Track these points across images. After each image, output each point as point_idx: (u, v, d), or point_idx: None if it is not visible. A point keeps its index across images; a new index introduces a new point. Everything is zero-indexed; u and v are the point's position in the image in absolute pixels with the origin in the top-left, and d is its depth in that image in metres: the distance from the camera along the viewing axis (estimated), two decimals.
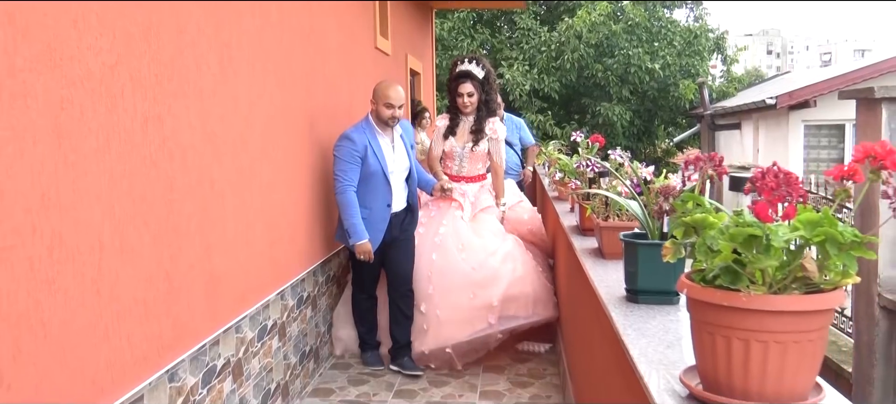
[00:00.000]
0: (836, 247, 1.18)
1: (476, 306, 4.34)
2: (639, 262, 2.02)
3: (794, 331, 1.19)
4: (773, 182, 1.15)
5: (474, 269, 4.40)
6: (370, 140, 4.09)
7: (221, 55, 2.84)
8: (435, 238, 4.56)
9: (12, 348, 1.66)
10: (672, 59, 16.13)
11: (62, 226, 1.84)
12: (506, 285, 4.41)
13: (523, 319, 4.50)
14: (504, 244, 4.62)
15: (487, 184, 4.94)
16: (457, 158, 4.86)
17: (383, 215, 4.17)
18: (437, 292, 4.40)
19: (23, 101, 1.70)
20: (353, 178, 4.03)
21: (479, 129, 4.79)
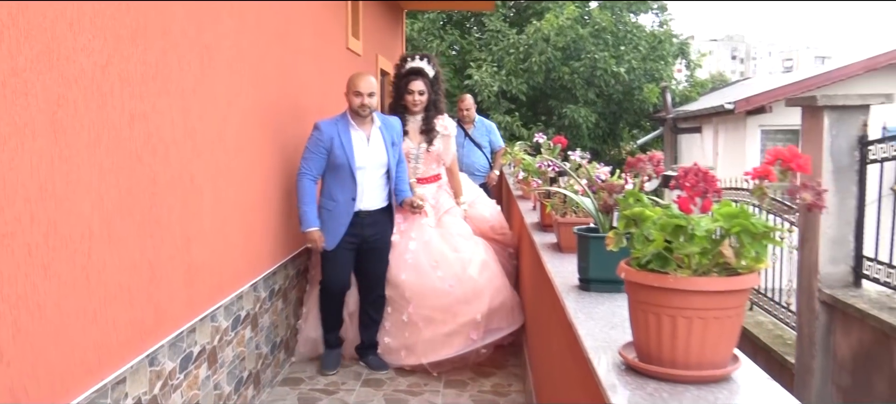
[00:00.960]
0: (750, 237, 1.38)
1: (458, 324, 4.24)
2: (590, 254, 2.22)
3: (715, 309, 1.39)
4: (693, 179, 1.35)
5: (452, 287, 4.26)
6: (340, 132, 4.04)
7: (202, 56, 2.97)
8: (406, 255, 4.40)
9: (12, 327, 1.80)
10: (637, 63, 16.51)
11: (57, 215, 1.98)
12: (489, 299, 4.31)
13: (506, 330, 4.42)
14: (477, 250, 4.51)
15: (444, 183, 4.85)
16: (412, 160, 4.71)
17: (348, 209, 4.09)
18: (415, 311, 4.29)
19: (24, 98, 1.83)
20: (312, 167, 4.01)
21: (430, 128, 4.68)
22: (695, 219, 1.38)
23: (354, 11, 6.44)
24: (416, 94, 4.61)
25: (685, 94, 18.79)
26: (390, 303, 4.39)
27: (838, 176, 4.20)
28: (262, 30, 3.77)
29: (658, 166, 1.63)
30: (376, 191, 4.23)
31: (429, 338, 4.25)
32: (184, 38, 2.80)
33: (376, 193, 4.23)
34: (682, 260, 1.42)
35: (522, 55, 16.02)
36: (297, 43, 4.49)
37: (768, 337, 5.43)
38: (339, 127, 4.06)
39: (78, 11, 2.06)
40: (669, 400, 1.36)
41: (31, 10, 1.85)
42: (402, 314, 4.33)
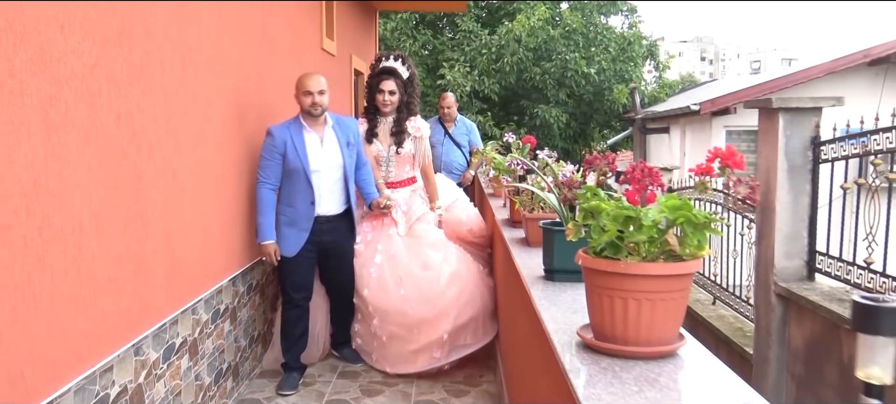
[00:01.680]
0: (692, 227, 1.54)
1: (420, 345, 4.17)
2: (554, 247, 2.37)
3: (661, 291, 1.55)
4: (639, 174, 1.51)
5: (414, 308, 4.15)
6: (293, 135, 3.92)
7: (184, 57, 3.08)
8: (370, 269, 4.28)
9: (10, 315, 1.90)
10: (607, 64, 16.78)
11: (50, 209, 2.08)
12: (454, 317, 4.19)
13: (473, 347, 4.31)
14: (447, 261, 4.32)
15: (419, 187, 4.69)
16: (383, 163, 4.58)
17: (307, 214, 3.99)
18: (380, 326, 4.25)
19: (20, 98, 1.93)
20: (269, 175, 3.89)
21: (401, 131, 4.55)
22: (643, 210, 1.54)
23: (329, 12, 6.55)
24: (386, 94, 4.50)
25: (654, 95, 19.12)
26: (359, 311, 4.36)
27: (792, 174, 4.41)
28: (240, 31, 3.87)
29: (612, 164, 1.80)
30: (334, 195, 4.11)
31: (395, 353, 4.22)
32: (166, 40, 2.90)
33: (334, 197, 4.12)
34: (633, 247, 1.57)
35: (494, 55, 16.20)
36: (274, 44, 4.59)
37: (729, 329, 5.64)
38: (291, 130, 3.94)
39: (69, 15, 2.17)
40: (621, 373, 1.51)
41: (27, 13, 1.96)
42: (369, 325, 4.30)
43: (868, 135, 3.97)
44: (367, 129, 4.57)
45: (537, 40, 16.08)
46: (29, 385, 1.98)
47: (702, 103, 10.80)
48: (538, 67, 16.33)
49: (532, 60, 16.29)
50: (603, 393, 1.41)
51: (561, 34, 16.50)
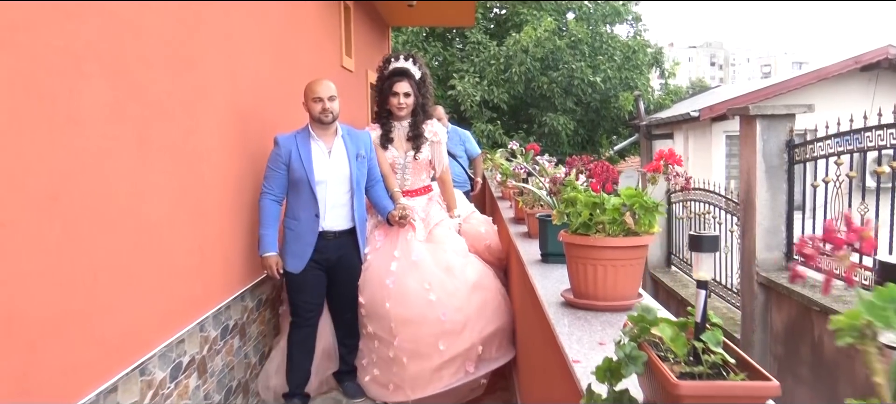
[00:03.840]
0: (644, 210, 2.05)
1: (446, 359, 3.81)
2: (547, 234, 2.88)
3: (622, 259, 2.05)
4: (600, 170, 2.01)
5: (445, 315, 3.80)
6: (299, 144, 3.76)
7: (231, 80, 3.61)
8: (387, 280, 3.90)
9: (116, 290, 2.42)
10: (613, 72, 17.27)
11: (143, 209, 2.61)
12: (481, 327, 3.89)
13: (499, 361, 3.99)
14: (471, 267, 4.06)
15: (436, 195, 4.42)
16: (398, 170, 4.30)
17: (312, 227, 3.78)
18: (401, 345, 3.84)
19: (121, 119, 2.46)
20: (273, 186, 3.73)
21: (418, 135, 4.25)
22: (607, 198, 2.05)
23: (347, 31, 7.09)
24: (401, 97, 4.20)
25: (659, 102, 19.57)
26: (376, 338, 3.95)
27: (770, 174, 4.89)
28: (273, 54, 4.40)
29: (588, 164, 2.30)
30: (340, 210, 3.87)
31: (415, 373, 3.84)
32: (218, 67, 3.44)
33: (340, 212, 3.88)
34: (600, 226, 2.08)
35: (503, 66, 16.72)
36: (300, 64, 5.09)
37: (721, 318, 6.11)
38: (297, 139, 3.78)
39: (153, 51, 2.70)
40: (591, 320, 2.02)
41: (127, 52, 2.49)
42: (389, 350, 3.89)
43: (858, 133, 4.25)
44: (381, 135, 4.28)
45: (544, 50, 16.58)
46: (138, 342, 2.50)
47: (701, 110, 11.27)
48: (545, 77, 16.84)
49: (539, 70, 16.79)
50: (577, 332, 1.91)
51: (567, 44, 17.01)
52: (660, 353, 1.23)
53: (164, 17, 2.81)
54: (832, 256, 0.82)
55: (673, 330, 1.18)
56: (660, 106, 19.90)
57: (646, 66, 18.86)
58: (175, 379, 2.94)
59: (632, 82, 17.69)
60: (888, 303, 0.65)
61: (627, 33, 19.81)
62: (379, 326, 3.92)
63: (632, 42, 18.57)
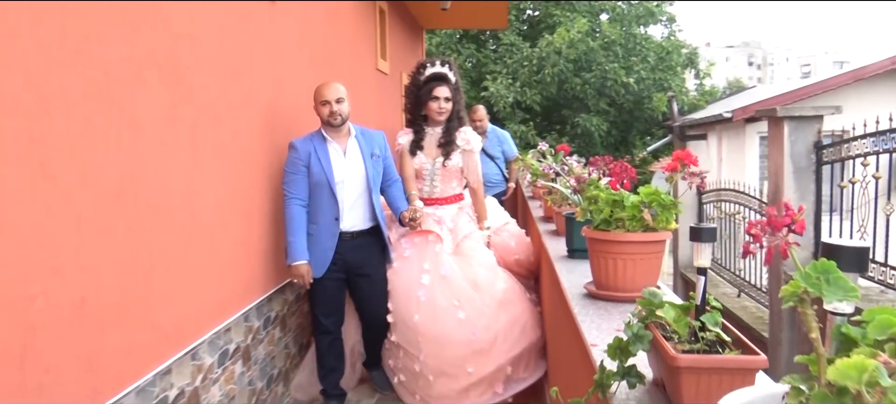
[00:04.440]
0: (661, 207, 2.18)
1: (473, 380, 3.74)
2: (573, 231, 3.02)
3: (640, 253, 2.19)
4: (618, 169, 2.15)
5: (475, 333, 3.72)
6: (316, 147, 3.75)
7: (274, 86, 3.81)
8: (418, 292, 3.83)
9: (171, 281, 2.63)
10: (646, 73, 17.27)
11: (196, 206, 2.81)
12: (510, 346, 3.80)
13: (527, 381, 3.90)
14: (499, 281, 3.96)
15: (466, 204, 4.31)
16: (427, 177, 4.22)
17: (331, 231, 3.77)
18: (427, 362, 3.77)
19: (177, 123, 2.67)
20: (296, 190, 3.70)
21: (450, 141, 4.18)
22: (626, 195, 2.19)
23: (382, 34, 7.28)
24: (441, 101, 4.14)
25: (693, 103, 19.47)
26: (402, 346, 3.90)
27: (798, 175, 4.96)
28: (314, 60, 4.60)
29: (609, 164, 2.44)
30: (358, 210, 3.88)
31: (440, 393, 3.78)
32: (262, 72, 3.64)
33: (358, 211, 3.88)
34: (620, 222, 2.22)
35: (536, 67, 16.83)
36: (337, 68, 5.30)
37: (751, 318, 6.18)
38: (314, 142, 3.77)
39: (204, 58, 2.91)
40: (611, 310, 2.16)
41: (183, 61, 2.69)
42: (414, 363, 3.83)
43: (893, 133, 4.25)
44: (413, 141, 4.25)
45: (577, 52, 16.65)
46: (200, 325, 2.71)
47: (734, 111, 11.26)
48: (579, 78, 16.90)
49: (572, 71, 16.86)
50: (596, 320, 2.06)
51: (600, 45, 17.05)
52: (666, 335, 1.38)
53: (214, 26, 3.01)
54: (773, 235, 0.96)
55: (676, 312, 1.32)
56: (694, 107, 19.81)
57: (680, 67, 18.81)
58: (222, 365, 3.13)
59: (665, 83, 17.66)
60: (821, 274, 0.79)
61: (661, 34, 19.79)
62: (405, 337, 3.84)
63: (666, 43, 18.53)
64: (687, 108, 18.71)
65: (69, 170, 2.00)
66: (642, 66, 17.26)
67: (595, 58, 16.84)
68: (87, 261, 2.08)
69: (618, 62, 16.97)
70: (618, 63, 16.94)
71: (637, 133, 18.89)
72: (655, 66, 17.58)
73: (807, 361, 0.73)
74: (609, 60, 16.87)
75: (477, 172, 4.23)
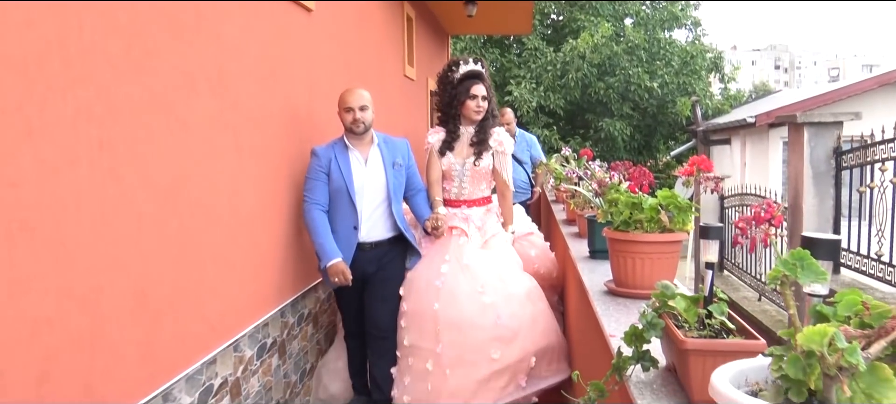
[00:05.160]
0: (678, 209, 2.33)
1: (494, 370, 3.56)
2: (595, 232, 3.17)
3: (657, 252, 2.33)
4: (637, 173, 2.30)
5: (500, 318, 3.58)
6: (337, 154, 3.72)
7: (309, 92, 4.00)
8: (436, 281, 3.71)
9: (218, 275, 2.82)
10: (670, 77, 17.31)
11: (240, 206, 3.00)
12: (534, 339, 3.65)
13: (551, 379, 3.73)
14: (525, 278, 3.88)
15: (494, 207, 4.21)
16: (456, 178, 4.10)
17: (348, 240, 3.71)
18: (444, 352, 3.59)
19: (224, 130, 2.86)
20: (318, 196, 3.68)
21: (483, 140, 4.07)
22: (645, 198, 2.33)
23: (409, 41, 7.47)
24: (480, 100, 4.03)
25: (718, 107, 19.45)
26: (412, 353, 3.71)
27: (817, 181, 5.05)
28: (346, 67, 4.79)
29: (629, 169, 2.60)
30: (378, 220, 3.82)
31: (455, 388, 3.55)
32: (297, 80, 3.83)
33: (378, 222, 3.82)
34: (639, 223, 2.37)
35: (560, 72, 16.94)
36: (366, 75, 5.48)
37: (771, 321, 6.26)
38: (335, 149, 3.75)
39: (246, 68, 3.10)
40: (629, 306, 2.31)
41: (227, 71, 2.89)
42: (426, 360, 3.64)
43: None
44: (445, 140, 4.12)
45: (601, 56, 16.74)
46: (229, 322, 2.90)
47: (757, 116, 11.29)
48: (602, 82, 16.98)
49: (596, 76, 16.95)
50: (615, 314, 2.21)
51: (624, 50, 17.12)
52: (677, 324, 1.53)
53: (257, 37, 3.21)
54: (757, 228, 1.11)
55: (686, 303, 1.47)
56: (719, 111, 19.79)
57: (704, 72, 18.80)
58: (260, 358, 3.32)
59: (690, 87, 17.68)
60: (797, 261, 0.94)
61: (686, 38, 19.80)
62: (420, 334, 3.67)
63: (690, 47, 18.53)
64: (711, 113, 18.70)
65: (132, 173, 2.19)
66: (666, 70, 17.30)
67: (619, 62, 16.91)
68: (146, 255, 2.28)
69: (642, 66, 17.03)
70: (642, 67, 17.00)
71: (660, 137, 18.92)
72: (679, 70, 17.61)
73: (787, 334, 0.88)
74: (633, 65, 16.94)
75: (508, 175, 4.16)
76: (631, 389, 1.53)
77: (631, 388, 1.54)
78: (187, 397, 2.57)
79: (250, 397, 3.18)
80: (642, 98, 17.10)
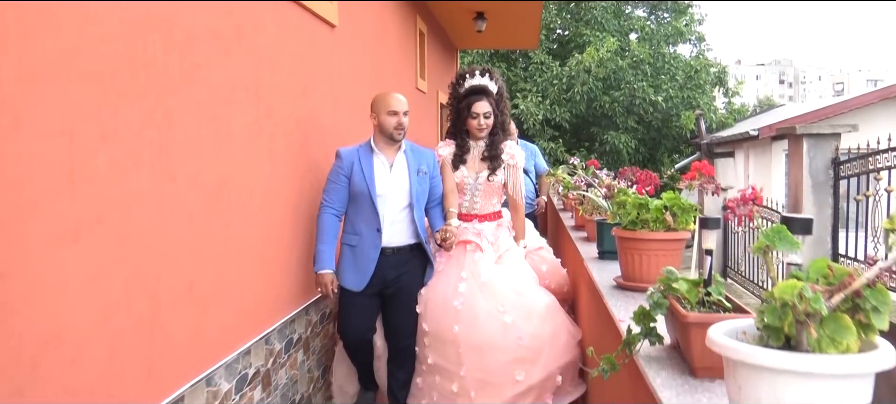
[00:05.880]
0: (681, 210, 2.54)
1: (520, 391, 3.52)
2: (603, 235, 3.38)
3: (661, 250, 2.54)
4: (643, 177, 2.52)
5: (521, 339, 3.53)
6: (361, 157, 3.68)
7: (333, 103, 4.23)
8: (455, 302, 3.66)
9: (256, 273, 3.04)
10: (674, 91, 17.57)
11: (272, 210, 3.23)
12: (559, 352, 3.63)
13: (573, 395, 3.73)
14: (542, 294, 3.82)
15: (506, 222, 4.15)
16: (468, 192, 4.05)
17: (374, 242, 3.66)
18: (468, 375, 3.56)
19: (259, 136, 3.09)
20: (333, 199, 3.65)
21: (495, 155, 4.00)
22: (650, 200, 2.55)
23: (421, 55, 7.72)
24: (481, 118, 3.96)
25: (722, 121, 19.69)
26: (438, 371, 3.68)
27: (816, 190, 5.26)
28: (365, 80, 5.02)
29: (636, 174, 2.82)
30: (400, 226, 3.77)
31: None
32: (324, 92, 4.06)
33: (400, 228, 3.77)
34: (645, 223, 2.58)
35: (565, 85, 17.21)
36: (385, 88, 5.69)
37: None
38: (360, 153, 3.70)
39: (276, 79, 3.33)
40: (637, 298, 2.51)
41: (264, 83, 3.11)
42: (451, 383, 3.61)
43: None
44: (456, 154, 4.07)
45: (606, 70, 17.01)
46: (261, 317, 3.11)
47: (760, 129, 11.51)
48: (607, 96, 17.24)
49: (601, 89, 17.22)
50: (623, 304, 2.42)
51: (629, 64, 17.39)
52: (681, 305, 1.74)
53: (288, 51, 3.44)
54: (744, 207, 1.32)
55: (688, 285, 1.68)
56: (723, 124, 20.04)
57: (708, 86, 19.07)
58: (288, 352, 3.54)
59: (694, 101, 17.94)
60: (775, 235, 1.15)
61: (690, 53, 20.09)
62: (443, 355, 3.63)
63: (694, 61, 18.81)
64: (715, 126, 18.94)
65: (184, 175, 2.42)
66: (671, 84, 17.57)
67: (624, 76, 17.18)
68: (194, 250, 2.50)
69: (646, 81, 17.30)
70: (646, 81, 17.27)
71: (665, 150, 19.16)
72: (684, 84, 17.87)
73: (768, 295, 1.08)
74: (637, 79, 17.21)
75: (520, 189, 4.11)
76: (639, 362, 1.74)
77: (639, 361, 1.75)
78: (226, 383, 2.79)
79: (279, 388, 3.39)
80: (647, 111, 17.35)
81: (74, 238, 1.84)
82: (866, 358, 1.02)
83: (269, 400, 3.26)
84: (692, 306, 1.70)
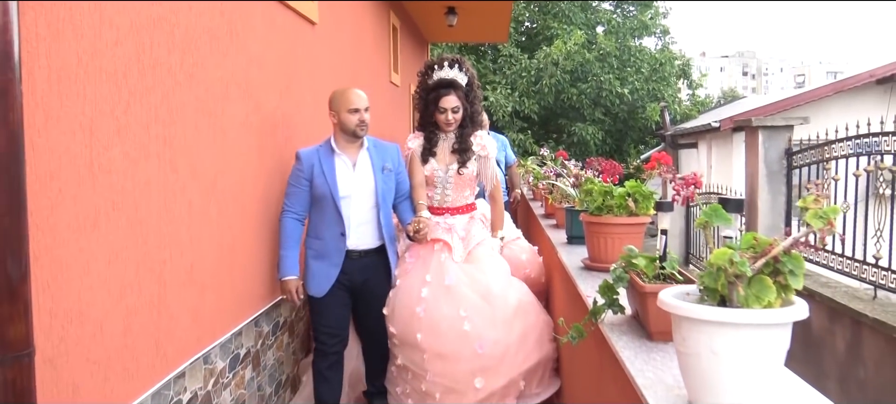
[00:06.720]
0: (642, 197, 2.79)
1: (484, 395, 3.51)
2: (572, 221, 3.63)
3: (626, 233, 2.79)
4: (608, 167, 2.76)
5: (482, 347, 3.49)
6: (321, 159, 3.54)
7: (314, 101, 4.42)
8: (417, 309, 3.59)
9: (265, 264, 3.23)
10: (640, 84, 17.96)
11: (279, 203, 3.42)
12: (523, 358, 3.59)
13: (545, 395, 3.71)
14: (512, 291, 3.73)
15: (478, 214, 4.03)
16: (439, 185, 3.94)
17: (338, 246, 3.55)
18: (433, 380, 3.56)
19: (274, 133, 3.27)
20: (294, 203, 3.52)
21: (465, 148, 3.89)
22: (615, 188, 2.80)
23: (394, 49, 7.91)
24: (449, 113, 3.85)
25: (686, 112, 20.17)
26: (409, 370, 3.68)
27: (771, 179, 5.58)
28: (342, 75, 5.21)
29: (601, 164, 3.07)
30: (366, 227, 3.64)
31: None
32: (305, 88, 4.24)
33: (366, 229, 3.64)
34: (610, 209, 2.83)
35: (534, 78, 17.50)
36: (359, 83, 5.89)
37: None
38: (320, 154, 3.56)
39: (268, 79, 3.51)
40: (603, 277, 2.75)
41: (253, 80, 3.30)
42: (421, 383, 3.62)
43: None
44: (425, 147, 3.96)
45: (574, 63, 17.33)
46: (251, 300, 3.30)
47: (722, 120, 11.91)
48: (575, 88, 17.57)
49: (569, 82, 17.54)
50: (590, 282, 2.66)
51: (596, 57, 17.73)
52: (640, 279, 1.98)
53: (274, 49, 3.62)
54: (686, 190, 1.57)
55: (646, 260, 1.93)
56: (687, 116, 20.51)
57: (673, 78, 19.51)
58: (274, 334, 3.75)
59: (659, 93, 18.35)
60: (713, 213, 1.39)
61: (656, 45, 20.52)
62: (410, 359, 3.64)
63: (659, 54, 19.23)
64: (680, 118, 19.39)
65: (185, 166, 2.60)
66: (636, 77, 17.96)
67: (591, 69, 17.52)
68: (194, 236, 2.68)
69: (613, 73, 17.66)
70: (613, 74, 17.63)
71: (631, 142, 19.58)
72: (649, 76, 18.28)
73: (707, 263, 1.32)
74: (604, 71, 17.56)
75: (494, 179, 4.01)
76: (604, 329, 1.99)
77: (604, 329, 1.99)
78: (221, 362, 2.98)
79: (267, 368, 3.59)
80: (613, 103, 17.73)
81: (94, 225, 2.03)
82: (784, 312, 1.27)
83: (258, 379, 3.46)
84: (649, 279, 1.94)
